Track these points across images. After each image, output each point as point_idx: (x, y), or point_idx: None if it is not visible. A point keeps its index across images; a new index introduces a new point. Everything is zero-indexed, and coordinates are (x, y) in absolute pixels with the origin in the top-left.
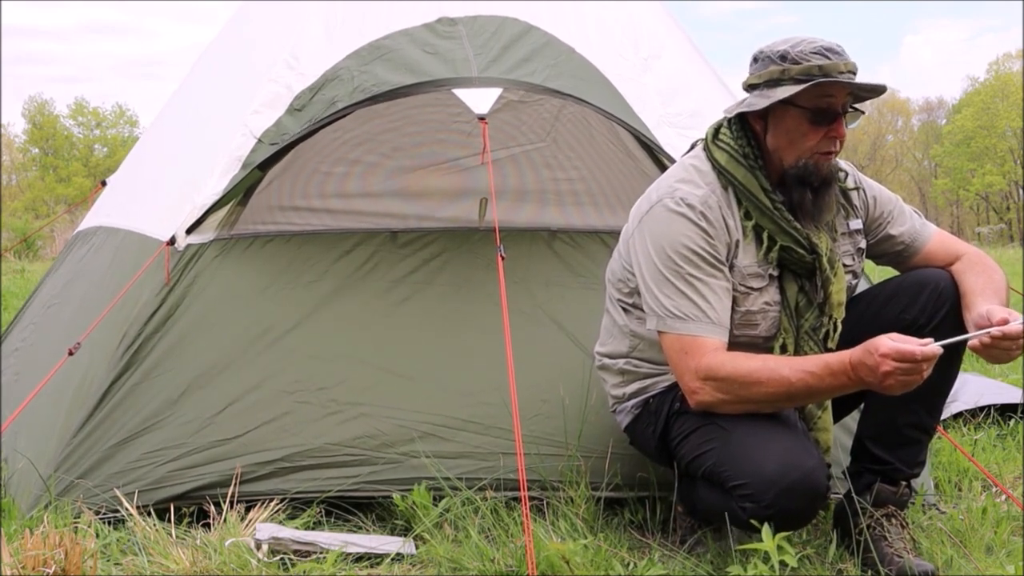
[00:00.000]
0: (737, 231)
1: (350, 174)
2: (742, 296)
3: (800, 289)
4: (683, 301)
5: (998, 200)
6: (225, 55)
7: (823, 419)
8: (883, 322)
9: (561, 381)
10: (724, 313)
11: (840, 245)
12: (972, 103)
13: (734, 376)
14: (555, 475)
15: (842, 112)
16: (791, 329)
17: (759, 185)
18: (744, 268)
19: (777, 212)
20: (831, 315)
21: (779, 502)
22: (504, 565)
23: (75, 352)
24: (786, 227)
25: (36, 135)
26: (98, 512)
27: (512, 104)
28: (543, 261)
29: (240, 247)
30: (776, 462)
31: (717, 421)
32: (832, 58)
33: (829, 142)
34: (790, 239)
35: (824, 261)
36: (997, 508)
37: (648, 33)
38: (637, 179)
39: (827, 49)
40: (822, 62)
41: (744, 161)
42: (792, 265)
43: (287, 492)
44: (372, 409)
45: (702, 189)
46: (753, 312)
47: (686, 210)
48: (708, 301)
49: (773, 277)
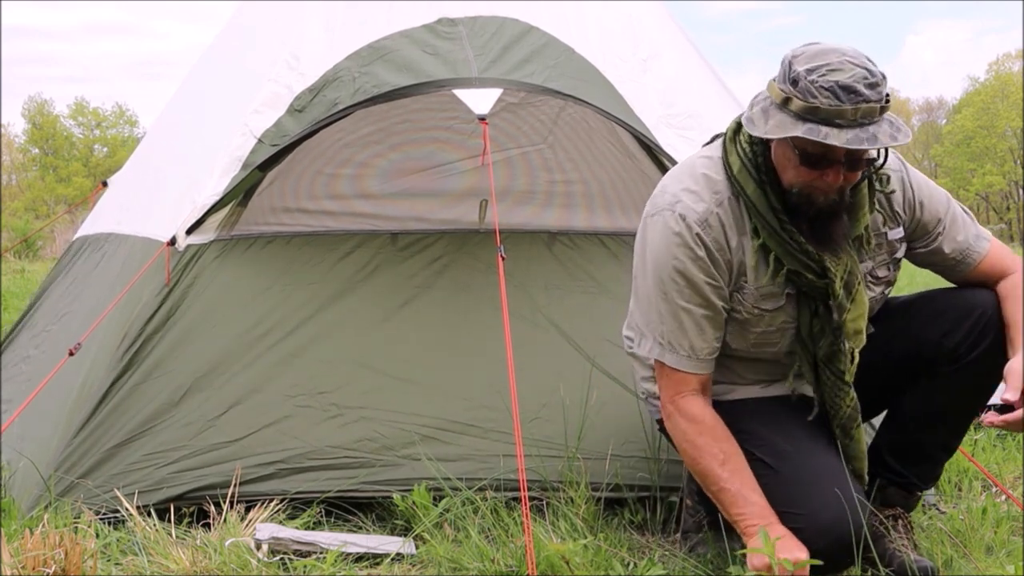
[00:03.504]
0: (743, 250)
1: (350, 176)
2: (756, 318)
3: (814, 314)
4: (671, 328)
5: (998, 200)
6: (225, 55)
7: (852, 448)
8: (923, 342)
9: (561, 384)
10: (708, 344)
11: (875, 256)
12: (972, 103)
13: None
14: (555, 475)
15: (844, 160)
16: (806, 356)
17: (767, 203)
18: (757, 290)
19: (785, 233)
20: (847, 343)
21: (829, 550)
22: (504, 565)
23: (75, 352)
24: (793, 250)
25: (36, 135)
26: (98, 512)
27: (511, 106)
28: (543, 264)
29: (240, 248)
30: (832, 513)
31: (757, 452)
32: (844, 101)
33: (824, 183)
34: (798, 263)
35: (837, 286)
36: (997, 508)
37: (648, 34)
38: (637, 180)
39: (844, 88)
40: (826, 104)
41: (755, 174)
42: (805, 288)
43: (287, 492)
44: (372, 413)
45: (704, 204)
46: (771, 332)
47: (683, 230)
48: (689, 336)
49: (790, 296)
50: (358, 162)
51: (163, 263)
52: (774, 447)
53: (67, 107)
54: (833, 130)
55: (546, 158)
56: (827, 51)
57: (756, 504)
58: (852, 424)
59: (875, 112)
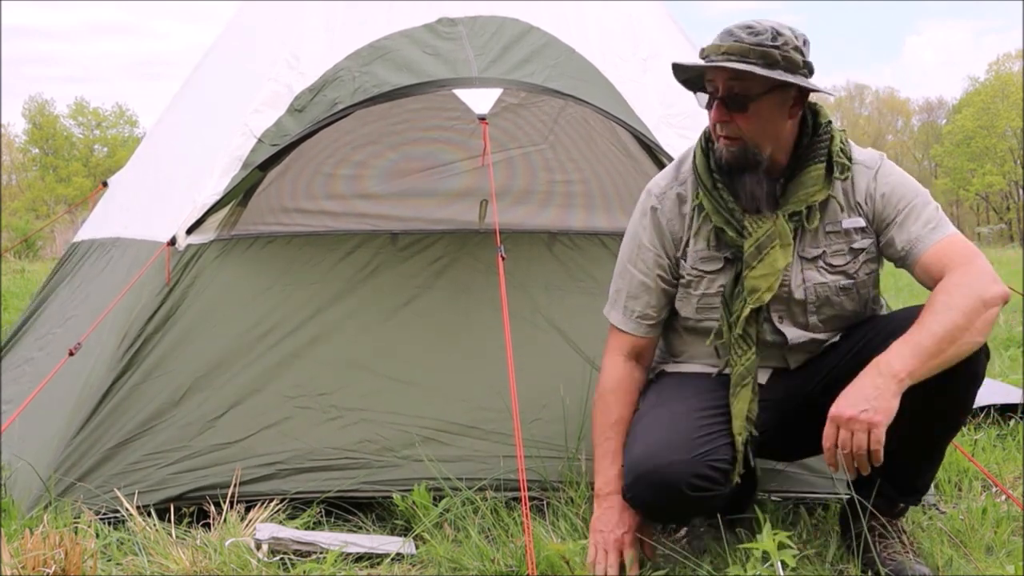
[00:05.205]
0: (695, 218)
1: (351, 176)
2: (696, 280)
3: (738, 275)
4: (618, 287)
5: (998, 200)
6: (226, 55)
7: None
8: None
9: (561, 386)
10: (640, 309)
11: (831, 243)
12: (972, 103)
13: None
14: (555, 476)
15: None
16: (724, 316)
17: (705, 165)
18: (696, 252)
19: (715, 192)
20: (745, 299)
21: (634, 488)
22: (504, 565)
23: (75, 352)
24: (720, 207)
25: (36, 135)
26: (98, 512)
27: (512, 107)
28: (543, 264)
29: (241, 248)
30: (643, 448)
31: (641, 407)
32: (722, 41)
33: (719, 126)
34: (721, 219)
35: (748, 243)
36: (997, 508)
37: (648, 34)
38: (637, 180)
39: (726, 31)
40: (709, 44)
41: (703, 143)
42: (728, 244)
43: (287, 493)
44: (372, 414)
45: (667, 180)
46: (710, 295)
47: (647, 203)
48: (627, 294)
49: (729, 260)
50: (358, 162)
51: (163, 263)
52: (652, 401)
53: (67, 107)
54: (700, 61)
55: (547, 158)
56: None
57: (614, 469)
58: (740, 381)
59: (745, 51)
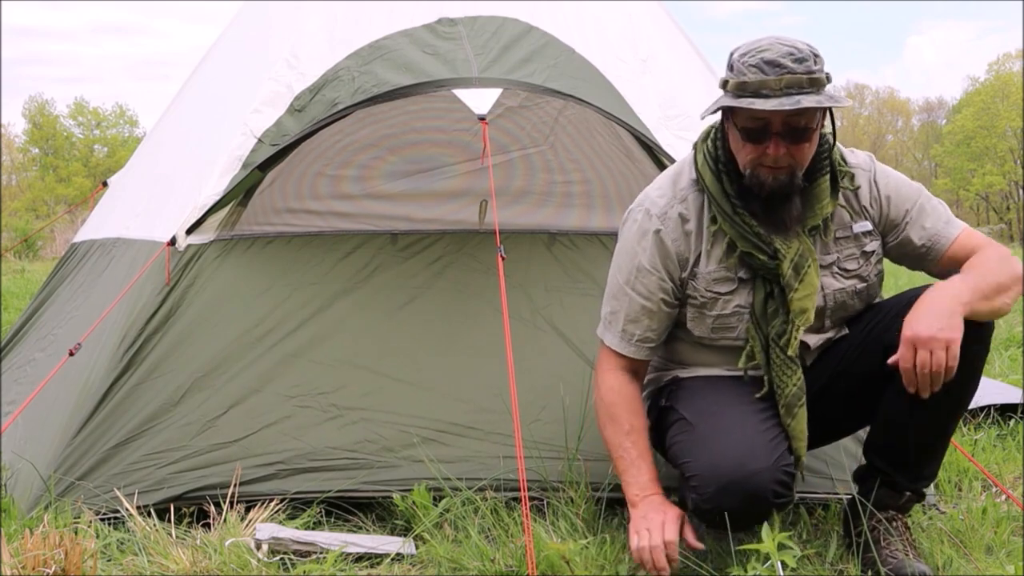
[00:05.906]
0: (702, 238)
1: (351, 176)
2: (711, 301)
3: (768, 295)
4: (614, 308)
5: (998, 200)
6: (226, 55)
7: (793, 427)
8: (892, 337)
9: (561, 387)
10: (641, 333)
11: (842, 249)
12: (972, 103)
13: (606, 403)
14: (555, 476)
15: (781, 131)
16: (758, 336)
17: (721, 189)
18: (709, 273)
19: (737, 217)
20: (794, 322)
21: (718, 498)
22: (504, 565)
23: (75, 352)
24: (745, 232)
25: (36, 135)
26: (98, 512)
27: (512, 109)
28: (542, 265)
29: (241, 248)
30: (724, 458)
31: (687, 415)
32: (768, 73)
33: (769, 158)
34: (750, 245)
35: (786, 266)
36: (997, 508)
37: (647, 34)
38: (637, 181)
39: (769, 62)
40: (753, 78)
41: (713, 165)
42: (760, 271)
43: (287, 492)
44: (372, 414)
45: (666, 198)
46: (726, 316)
47: (646, 224)
48: (626, 317)
49: (743, 280)
50: (358, 163)
51: (163, 263)
52: (699, 408)
53: (67, 107)
54: (759, 100)
55: (546, 159)
56: (764, 38)
57: (644, 474)
58: (796, 402)
59: (801, 83)
